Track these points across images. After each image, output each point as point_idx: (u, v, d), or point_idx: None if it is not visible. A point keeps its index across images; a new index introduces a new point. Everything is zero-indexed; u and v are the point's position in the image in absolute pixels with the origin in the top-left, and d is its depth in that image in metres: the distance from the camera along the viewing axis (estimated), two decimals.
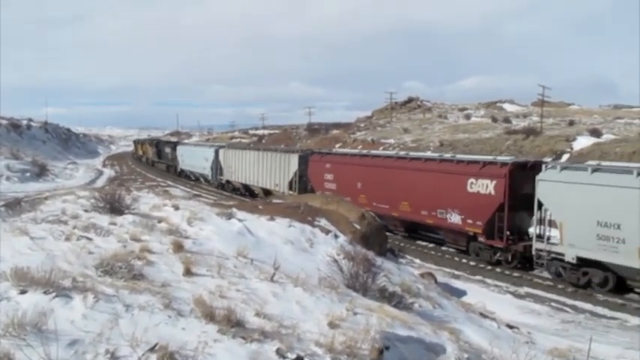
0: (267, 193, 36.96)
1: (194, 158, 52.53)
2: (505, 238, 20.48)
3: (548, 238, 18.98)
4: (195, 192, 42.51)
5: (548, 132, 49.65)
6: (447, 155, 27.47)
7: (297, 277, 8.69)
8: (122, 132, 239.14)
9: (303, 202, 16.94)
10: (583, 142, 41.71)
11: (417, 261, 22.26)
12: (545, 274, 19.33)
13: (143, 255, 8.45)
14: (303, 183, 33.42)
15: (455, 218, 22.24)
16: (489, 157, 24.28)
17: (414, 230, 25.56)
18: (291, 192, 33.38)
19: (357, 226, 15.60)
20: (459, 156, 26.75)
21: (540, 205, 19.25)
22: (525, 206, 19.85)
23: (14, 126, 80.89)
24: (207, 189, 46.24)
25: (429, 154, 33.52)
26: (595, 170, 17.52)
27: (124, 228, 10.52)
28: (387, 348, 6.41)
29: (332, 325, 6.80)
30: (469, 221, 21.66)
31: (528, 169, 20.50)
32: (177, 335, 5.50)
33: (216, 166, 46.38)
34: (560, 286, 18.19)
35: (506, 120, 69.01)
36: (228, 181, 44.39)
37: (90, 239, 9.25)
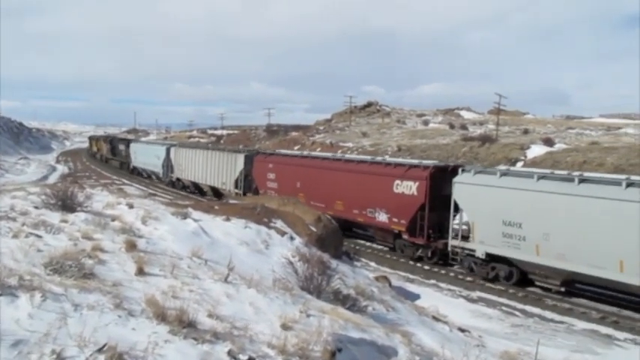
0: (215, 191, 38.92)
1: (147, 156, 53.29)
2: (426, 235, 21.89)
3: (463, 236, 20.56)
4: (150, 191, 41.88)
5: (503, 140, 50.82)
6: (378, 158, 29.16)
7: (251, 279, 8.67)
8: (78, 128, 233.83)
9: (260, 203, 16.89)
10: (536, 151, 42.89)
11: (373, 264, 22.45)
12: (496, 281, 19.78)
13: (95, 254, 8.28)
14: (248, 182, 34.54)
15: (382, 217, 23.66)
16: (415, 161, 25.48)
17: (349, 228, 26.04)
18: (236, 190, 35.11)
19: (313, 229, 15.64)
20: (388, 159, 28.65)
21: (456, 205, 20.71)
22: (445, 206, 21.00)
23: None
24: (164, 188, 45.70)
25: (360, 156, 35.22)
26: (503, 174, 19.42)
27: (76, 226, 10.29)
28: (340, 350, 6.45)
29: (285, 327, 6.82)
30: (394, 220, 23.06)
31: (448, 172, 21.79)
32: (127, 335, 5.42)
33: (168, 164, 47.31)
34: (511, 291, 18.61)
35: (463, 127, 70.33)
36: (178, 179, 45.53)
37: (39, 237, 9.01)
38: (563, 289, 18.05)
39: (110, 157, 70.35)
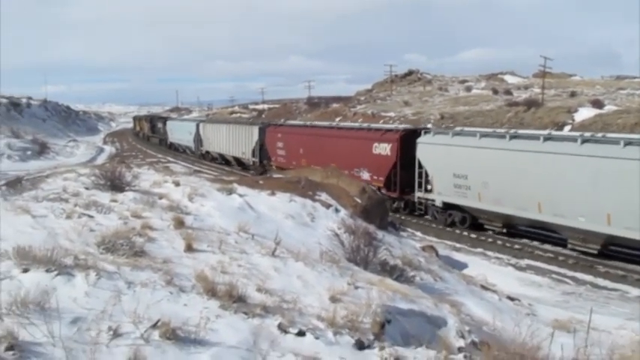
0: (238, 160, 43.21)
1: (180, 132, 57.32)
2: (399, 190, 25.47)
3: (426, 189, 24.00)
4: (195, 168, 42.49)
5: (549, 103, 49.31)
6: (365, 125, 32.73)
7: (298, 252, 8.72)
8: (122, 109, 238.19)
9: (304, 176, 16.92)
10: (585, 114, 41.47)
11: (419, 234, 22.33)
12: (547, 247, 19.41)
13: (144, 232, 8.47)
14: (263, 151, 38.28)
15: (365, 175, 26.80)
16: (390, 126, 30.23)
17: None
18: (253, 159, 39.85)
19: (358, 200, 15.61)
20: (370, 125, 32.47)
21: (420, 162, 24.00)
22: (414, 164, 24.38)
23: (14, 104, 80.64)
24: (208, 164, 46.39)
25: (349, 124, 39.00)
26: (455, 134, 22.84)
27: (125, 205, 10.53)
28: (389, 321, 6.45)
29: (333, 300, 6.84)
30: (374, 177, 26.30)
31: (417, 135, 24.70)
32: (179, 311, 5.53)
33: (198, 139, 51.33)
34: (561, 258, 18.26)
35: (507, 92, 68.56)
36: (207, 152, 49.57)
37: (91, 217, 9.26)
38: (504, 230, 21.19)
39: (150, 134, 74.45)
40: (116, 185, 12.07)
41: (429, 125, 39.90)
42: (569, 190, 17.67)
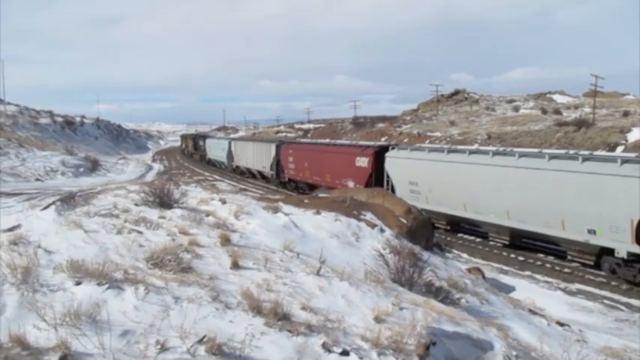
0: (261, 174, 48.56)
1: (216, 149, 64.22)
2: None
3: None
4: (241, 186, 43.02)
5: (601, 123, 48.10)
6: (351, 142, 41.75)
7: (342, 271, 8.69)
8: (171, 127, 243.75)
9: (349, 195, 16.92)
10: (638, 134, 40.26)
11: (465, 256, 22.00)
12: (598, 271, 18.83)
13: (191, 248, 8.60)
14: (279, 165, 43.42)
15: (351, 184, 31.63)
16: (370, 143, 36.70)
17: None
18: (271, 172, 45.24)
19: (404, 220, 15.49)
20: (354, 142, 42.00)
21: (387, 173, 29.28)
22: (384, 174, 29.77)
23: (68, 123, 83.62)
24: (253, 183, 46.97)
25: (340, 141, 47.31)
26: (413, 149, 28.39)
27: (173, 222, 10.72)
28: (434, 343, 6.36)
29: (378, 320, 6.79)
30: (357, 185, 30.70)
31: (387, 150, 30.03)
32: (224, 327, 5.59)
33: (230, 155, 57.47)
34: (613, 283, 17.68)
35: (557, 111, 67.27)
36: (237, 166, 55.56)
37: (140, 232, 9.46)
38: (449, 228, 25.90)
39: (193, 151, 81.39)
40: (164, 202, 12.30)
41: (476, 145, 39.99)
42: (482, 193, 22.59)
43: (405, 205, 16.94)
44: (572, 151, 21.82)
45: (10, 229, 9.09)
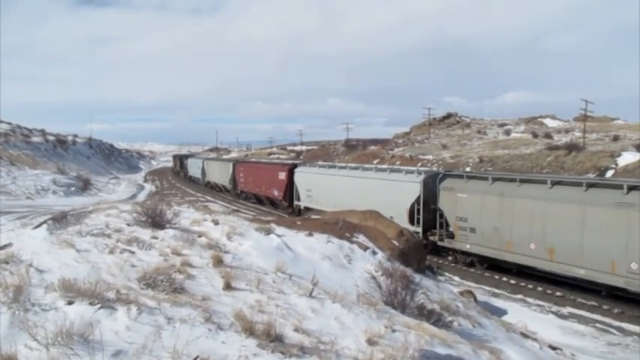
0: (224, 187, 58.10)
1: (194, 167, 75.17)
2: (288, 200, 39.99)
3: (298, 199, 38.56)
4: (233, 207, 42.96)
5: (591, 147, 48.57)
6: (275, 162, 58.79)
7: (335, 293, 8.69)
8: (163, 148, 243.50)
9: (342, 217, 16.94)
10: (628, 158, 40.65)
11: (456, 278, 21.99)
12: (590, 295, 18.83)
13: (184, 269, 8.58)
14: (235, 180, 53.06)
15: (276, 193, 41.94)
16: (288, 162, 51.53)
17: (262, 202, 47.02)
18: (229, 185, 55.16)
19: (396, 243, 15.51)
20: (281, 161, 58.55)
21: (295, 184, 38.53)
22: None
23: (60, 142, 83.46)
24: (245, 204, 46.99)
25: (272, 160, 66.04)
26: (311, 166, 40.06)
27: (165, 242, 10.69)
28: None
29: (370, 342, 6.78)
30: (279, 193, 41.17)
31: (304, 166, 40.46)
32: (217, 349, 5.57)
33: (203, 172, 68.06)
34: (605, 307, 17.69)
35: (548, 135, 67.87)
36: (208, 181, 65.51)
37: (132, 252, 9.43)
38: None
39: (179, 169, 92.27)
40: (157, 222, 12.28)
41: (467, 169, 40.67)
42: (355, 197, 28.62)
43: (397, 227, 16.97)
44: None
45: (2, 248, 9.05)
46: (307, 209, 35.98)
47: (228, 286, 8.07)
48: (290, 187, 39.26)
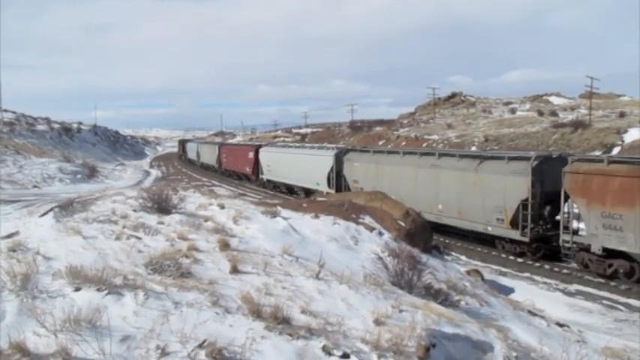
0: (213, 167, 65.59)
1: (191, 151, 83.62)
2: (255, 175, 48.27)
3: (262, 173, 47.07)
4: (240, 191, 43.01)
5: (597, 124, 48.17)
6: (248, 143, 67.63)
7: (342, 275, 8.70)
8: (168, 133, 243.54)
9: (347, 199, 16.93)
10: (635, 134, 40.30)
11: (463, 258, 22.01)
12: (596, 272, 18.82)
13: (190, 253, 8.60)
14: (220, 161, 60.86)
15: (247, 169, 50.60)
16: (257, 143, 56.32)
17: (242, 176, 54.27)
18: (215, 164, 63.84)
19: (402, 223, 15.50)
20: (251, 142, 69.27)
21: (260, 161, 46.81)
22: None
23: (65, 130, 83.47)
24: (250, 188, 47.16)
25: (244, 142, 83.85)
26: (274, 146, 51.28)
27: (172, 227, 10.72)
28: (434, 345, 6.36)
29: (377, 322, 6.80)
30: (249, 170, 49.98)
31: (266, 147, 49.64)
32: (225, 332, 5.59)
33: (198, 155, 76.34)
34: (612, 284, 17.69)
35: (553, 113, 67.38)
36: (202, 163, 72.88)
37: (139, 238, 9.47)
38: (286, 190, 42.43)
39: (182, 153, 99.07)
40: (163, 208, 12.30)
41: (473, 148, 40.86)
42: (295, 169, 38.58)
43: (404, 208, 16.94)
44: None
45: (9, 236, 9.09)
46: (269, 181, 45.60)
47: (235, 270, 8.09)
48: (256, 164, 47.86)
